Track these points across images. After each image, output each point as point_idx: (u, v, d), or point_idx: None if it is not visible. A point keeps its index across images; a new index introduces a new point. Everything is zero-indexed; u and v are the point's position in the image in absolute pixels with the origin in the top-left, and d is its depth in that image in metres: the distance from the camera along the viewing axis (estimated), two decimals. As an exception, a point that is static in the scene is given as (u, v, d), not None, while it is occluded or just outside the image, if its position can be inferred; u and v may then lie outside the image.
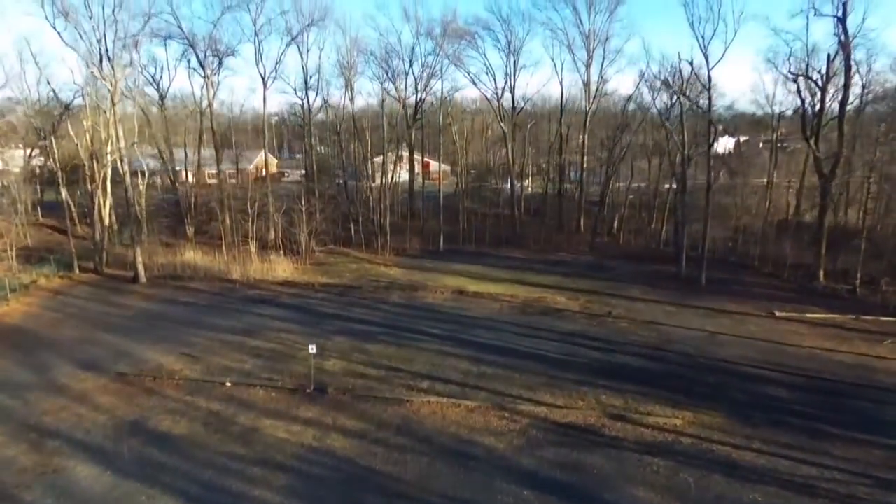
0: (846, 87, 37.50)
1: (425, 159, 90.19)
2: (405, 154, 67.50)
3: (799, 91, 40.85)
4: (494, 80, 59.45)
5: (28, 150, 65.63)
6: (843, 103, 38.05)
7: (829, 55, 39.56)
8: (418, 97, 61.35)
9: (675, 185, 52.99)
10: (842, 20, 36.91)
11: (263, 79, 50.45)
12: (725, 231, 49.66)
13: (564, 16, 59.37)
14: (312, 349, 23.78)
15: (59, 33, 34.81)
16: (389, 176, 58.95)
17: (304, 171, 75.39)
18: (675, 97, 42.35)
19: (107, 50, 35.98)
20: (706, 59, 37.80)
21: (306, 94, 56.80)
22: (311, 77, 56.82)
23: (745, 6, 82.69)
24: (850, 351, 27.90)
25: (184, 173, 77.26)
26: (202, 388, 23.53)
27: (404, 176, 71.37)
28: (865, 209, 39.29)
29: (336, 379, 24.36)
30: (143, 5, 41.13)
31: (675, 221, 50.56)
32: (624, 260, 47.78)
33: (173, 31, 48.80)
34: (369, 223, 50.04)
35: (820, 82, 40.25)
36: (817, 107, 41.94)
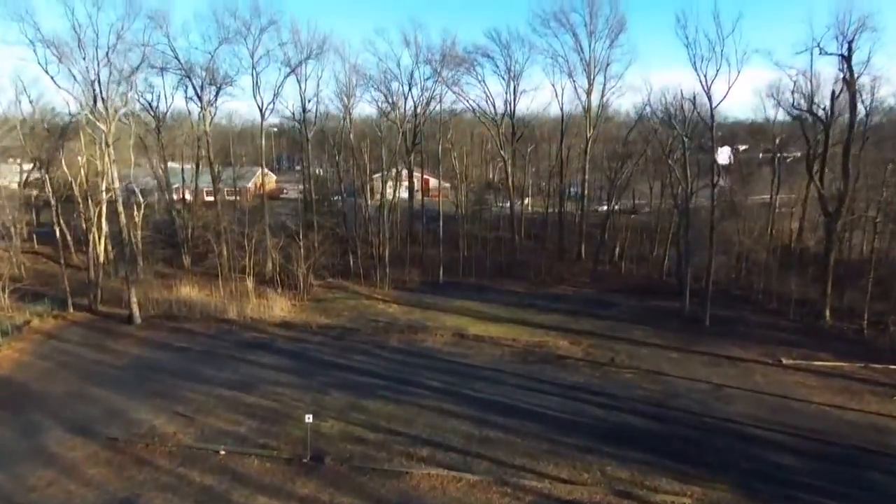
0: (851, 126, 36.99)
1: (425, 176, 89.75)
2: (405, 171, 66.93)
3: (803, 129, 40.32)
4: (494, 106, 58.67)
5: (23, 175, 65.20)
6: (847, 142, 37.48)
7: (833, 91, 39.16)
8: (417, 121, 61.07)
9: (677, 209, 52.49)
10: (847, 58, 36.47)
11: (261, 110, 50.00)
12: (728, 260, 49.02)
13: (564, 41, 58.36)
14: (309, 419, 23.10)
15: (52, 77, 34.30)
16: (389, 196, 58.23)
17: (303, 186, 74.64)
18: (677, 134, 41.76)
19: (101, 90, 35.44)
20: (709, 98, 37.30)
21: (304, 119, 56.25)
22: (308, 102, 56.42)
23: (749, 43, 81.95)
24: (860, 409, 27.23)
25: (182, 191, 77.14)
26: (196, 458, 22.82)
27: (404, 190, 70.97)
28: (873, 248, 38.69)
29: (333, 444, 23.68)
30: (138, 36, 40.17)
31: (677, 253, 50.02)
32: (626, 294, 47.13)
33: (170, 62, 48.20)
34: (368, 255, 49.34)
35: (824, 117, 39.72)
36: (820, 142, 41.58)
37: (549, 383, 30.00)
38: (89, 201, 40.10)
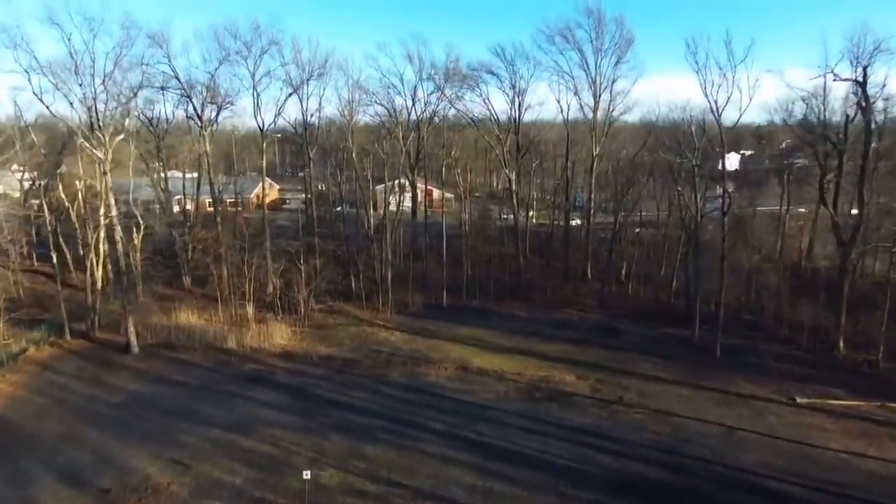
0: (866, 153, 35.93)
1: (428, 187, 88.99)
2: (407, 182, 66.00)
3: (815, 153, 39.29)
4: (498, 123, 57.75)
5: (24, 184, 64.48)
6: (863, 170, 36.44)
7: (847, 116, 38.19)
8: (420, 136, 60.33)
9: (684, 230, 51.53)
10: (861, 84, 35.43)
11: (262, 130, 49.20)
12: (738, 279, 47.82)
13: (570, 57, 57.50)
14: (307, 475, 22.25)
15: (47, 106, 33.59)
16: (393, 207, 57.38)
17: (305, 206, 74.11)
18: (686, 161, 40.75)
19: (98, 117, 34.72)
20: (719, 126, 36.30)
21: (306, 136, 55.55)
22: (311, 117, 55.82)
23: (760, 59, 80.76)
24: (880, 457, 26.17)
25: (184, 201, 76.64)
26: (189, 514, 22.00)
27: (408, 200, 70.22)
28: (888, 279, 37.56)
29: (332, 499, 22.80)
30: (138, 56, 39.57)
31: (685, 275, 49.02)
32: (634, 319, 46.13)
33: (169, 81, 47.57)
34: (370, 278, 48.49)
35: (838, 142, 38.69)
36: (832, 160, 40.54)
37: (556, 425, 29.04)
38: (88, 227, 39.33)
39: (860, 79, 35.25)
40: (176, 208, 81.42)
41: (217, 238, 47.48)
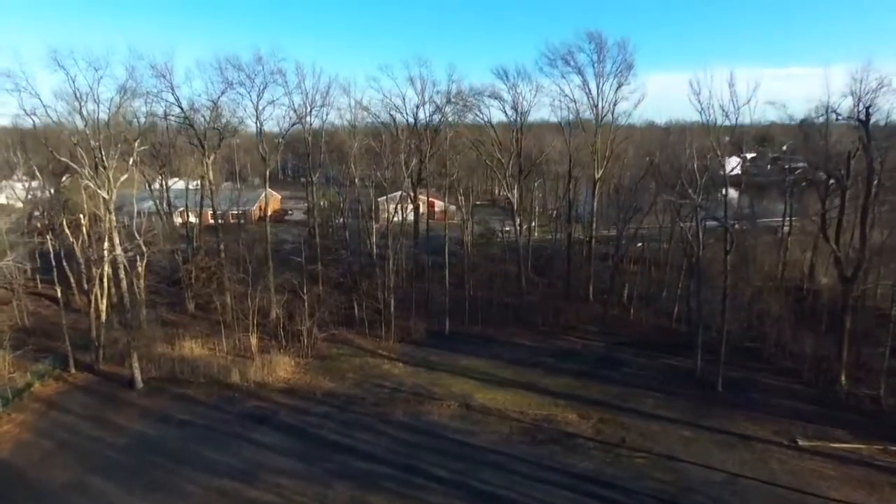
0: (868, 192, 35.96)
1: (431, 199, 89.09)
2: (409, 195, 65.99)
3: (817, 189, 39.30)
4: (500, 148, 57.86)
5: (27, 216, 64.88)
6: (865, 207, 36.47)
7: (849, 153, 38.11)
8: (423, 157, 60.43)
9: (686, 257, 51.68)
10: (864, 123, 35.45)
11: (265, 159, 49.36)
12: (739, 300, 47.75)
13: (572, 80, 57.53)
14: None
15: (51, 150, 33.69)
16: (395, 218, 57.09)
17: (307, 207, 73.75)
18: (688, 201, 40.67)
19: (102, 158, 34.88)
20: (723, 168, 36.37)
21: (309, 163, 55.72)
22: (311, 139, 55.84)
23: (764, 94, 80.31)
24: (881, 509, 26.30)
25: (186, 213, 76.84)
26: (195, 575, 22.16)
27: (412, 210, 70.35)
28: (891, 317, 37.55)
29: (337, 558, 22.96)
30: (141, 86, 39.86)
31: (688, 304, 49.15)
32: (636, 348, 46.20)
33: (171, 108, 47.78)
34: (374, 309, 48.60)
35: (840, 178, 38.72)
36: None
37: (559, 471, 29.18)
38: (92, 263, 39.57)
39: (862, 118, 35.28)
40: (178, 220, 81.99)
41: (220, 266, 47.57)
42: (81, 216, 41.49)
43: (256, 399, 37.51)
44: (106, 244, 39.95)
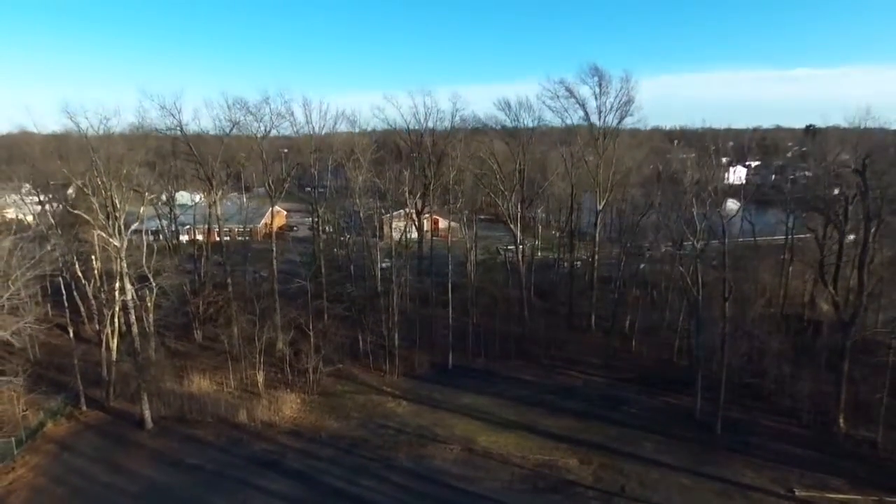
0: (865, 239, 36.49)
1: (434, 216, 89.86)
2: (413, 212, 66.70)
3: (815, 236, 39.86)
4: (502, 182, 58.60)
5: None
6: (863, 251, 37.00)
7: (846, 197, 38.68)
8: (428, 179, 61.29)
9: (687, 300, 52.19)
10: (861, 173, 36.01)
11: (271, 197, 50.27)
12: (741, 332, 48.14)
13: (574, 110, 58.25)
14: None
15: (62, 204, 34.62)
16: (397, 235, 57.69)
17: (312, 220, 74.46)
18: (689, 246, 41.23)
19: (114, 210, 35.81)
20: (724, 228, 37.05)
21: (314, 194, 56.56)
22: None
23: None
24: (875, 569, 26.81)
25: (193, 231, 78.11)
26: None
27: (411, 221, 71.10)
28: (888, 362, 38.02)
29: None
30: (151, 126, 40.92)
31: (689, 341, 49.73)
32: (638, 385, 46.79)
33: (179, 146, 48.75)
34: (379, 344, 49.38)
35: (839, 224, 39.28)
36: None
37: (559, 524, 29.83)
38: (103, 308, 40.53)
39: (860, 167, 35.84)
40: (186, 238, 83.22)
41: (227, 301, 48.49)
42: (94, 257, 42.38)
43: (264, 441, 38.30)
44: (117, 285, 40.82)
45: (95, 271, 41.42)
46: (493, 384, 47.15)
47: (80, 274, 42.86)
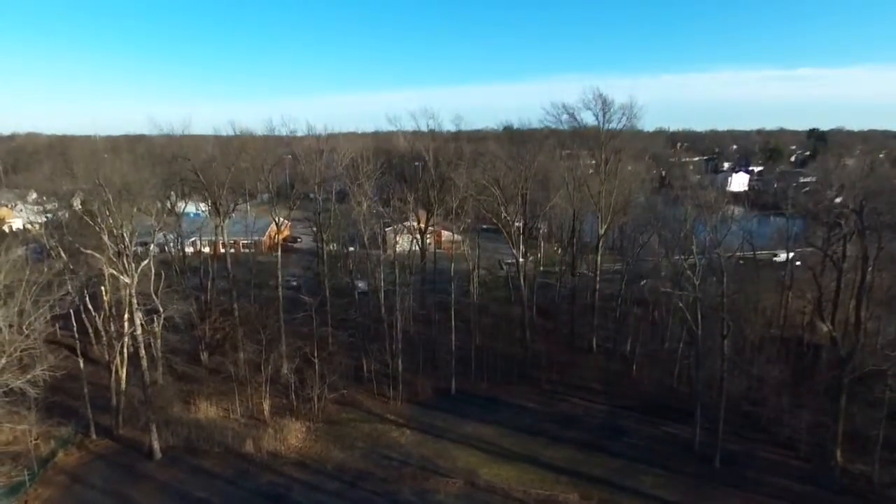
0: (863, 278, 37.06)
1: (437, 228, 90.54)
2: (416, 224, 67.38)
3: (814, 274, 40.43)
4: (505, 208, 59.17)
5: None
6: (860, 289, 37.56)
7: (845, 235, 39.21)
8: (432, 205, 62.07)
9: (688, 331, 52.77)
10: (858, 213, 36.57)
11: (278, 225, 50.99)
12: (741, 356, 48.67)
13: (575, 133, 58.85)
14: None
15: (73, 242, 35.39)
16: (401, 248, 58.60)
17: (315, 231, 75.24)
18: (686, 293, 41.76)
19: (125, 248, 36.57)
20: (723, 273, 37.68)
21: (319, 219, 57.31)
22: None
23: None
24: None
25: (200, 244, 79.09)
26: None
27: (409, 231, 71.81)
28: (885, 399, 38.55)
29: None
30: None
31: (689, 371, 50.27)
32: (638, 413, 47.40)
33: (187, 177, 49.55)
34: (382, 373, 50.11)
35: (836, 260, 39.84)
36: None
37: (559, 565, 30.47)
38: (113, 340, 41.36)
39: (857, 208, 36.39)
40: (191, 250, 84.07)
41: (234, 328, 49.27)
42: (103, 288, 43.19)
43: (270, 472, 39.03)
44: (126, 316, 41.60)
45: (105, 303, 42.18)
46: (496, 411, 47.81)
47: (89, 307, 43.56)
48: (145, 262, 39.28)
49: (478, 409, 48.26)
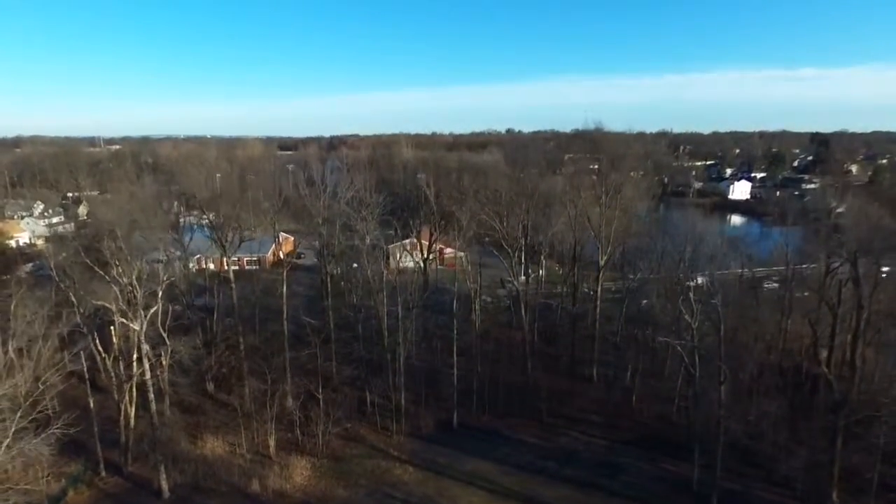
0: (858, 324, 37.67)
1: (439, 245, 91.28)
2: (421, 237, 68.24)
3: (810, 321, 41.04)
4: (506, 241, 59.92)
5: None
6: (855, 337, 38.17)
7: (840, 281, 39.80)
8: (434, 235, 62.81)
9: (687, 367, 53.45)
10: (854, 263, 37.16)
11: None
12: (740, 384, 49.20)
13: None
14: None
15: (82, 292, 36.25)
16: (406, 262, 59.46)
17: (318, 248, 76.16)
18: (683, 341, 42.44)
19: (135, 295, 37.40)
20: (718, 309, 38.33)
21: (324, 253, 58.10)
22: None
23: None
24: None
25: (204, 262, 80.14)
26: None
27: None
28: (880, 443, 39.19)
29: None
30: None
31: (688, 402, 50.88)
32: (637, 448, 48.07)
33: (194, 210, 50.37)
34: (386, 408, 50.93)
35: (833, 305, 40.43)
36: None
37: None
38: (122, 382, 42.29)
39: (852, 260, 36.99)
40: (195, 267, 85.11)
41: (239, 361, 50.18)
42: (112, 329, 44.11)
43: (275, 515, 39.91)
44: (134, 356, 42.50)
45: (115, 346, 43.13)
46: (496, 447, 48.56)
47: (99, 348, 44.47)
48: (153, 308, 40.13)
49: (479, 443, 49.03)
